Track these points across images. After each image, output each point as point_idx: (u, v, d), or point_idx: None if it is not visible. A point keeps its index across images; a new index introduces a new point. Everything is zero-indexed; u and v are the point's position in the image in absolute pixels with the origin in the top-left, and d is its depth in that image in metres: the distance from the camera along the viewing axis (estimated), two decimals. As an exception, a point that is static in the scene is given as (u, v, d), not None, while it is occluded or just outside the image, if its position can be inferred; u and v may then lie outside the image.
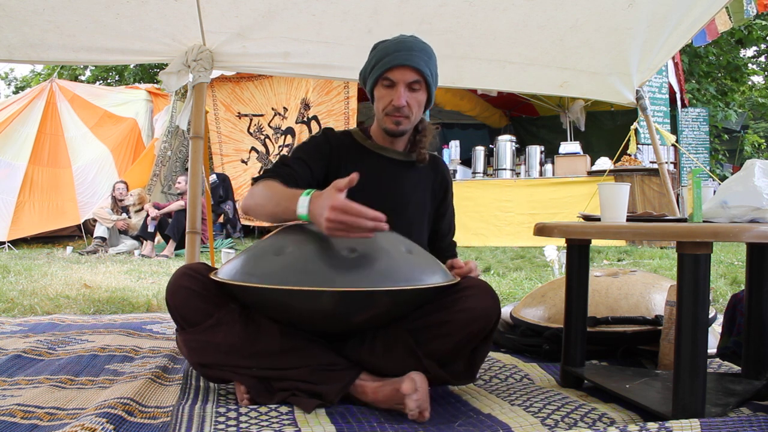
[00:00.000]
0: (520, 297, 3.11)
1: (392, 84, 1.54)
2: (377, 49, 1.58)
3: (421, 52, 1.54)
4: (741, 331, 1.64)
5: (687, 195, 1.53)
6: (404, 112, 1.55)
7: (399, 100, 1.53)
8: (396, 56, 1.52)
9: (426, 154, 1.67)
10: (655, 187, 5.99)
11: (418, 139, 1.66)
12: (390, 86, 1.54)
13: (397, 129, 1.58)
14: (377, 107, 1.59)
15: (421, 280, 1.30)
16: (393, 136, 1.63)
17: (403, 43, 1.54)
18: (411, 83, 1.53)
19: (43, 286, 3.60)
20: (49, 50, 2.40)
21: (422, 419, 1.29)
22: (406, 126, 1.59)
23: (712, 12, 2.66)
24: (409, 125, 1.60)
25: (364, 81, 1.63)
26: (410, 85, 1.54)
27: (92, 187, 7.61)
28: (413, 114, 1.58)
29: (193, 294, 1.42)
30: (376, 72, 1.55)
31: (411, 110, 1.56)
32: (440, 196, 1.74)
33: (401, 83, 1.53)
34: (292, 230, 1.39)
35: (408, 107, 1.55)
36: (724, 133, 10.64)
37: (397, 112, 1.55)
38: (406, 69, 1.52)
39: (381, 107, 1.57)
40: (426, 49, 1.56)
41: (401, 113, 1.55)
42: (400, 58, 1.51)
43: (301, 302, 1.26)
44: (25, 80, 16.80)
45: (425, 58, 1.54)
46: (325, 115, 7.18)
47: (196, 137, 2.41)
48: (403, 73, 1.52)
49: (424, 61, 1.54)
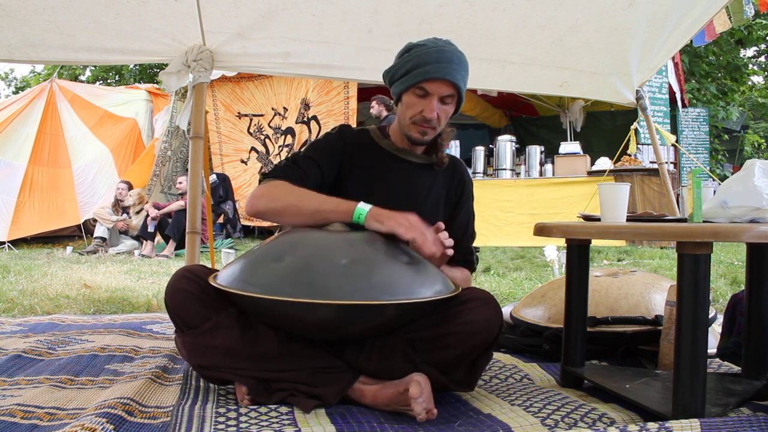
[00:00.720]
0: (520, 297, 3.11)
1: (426, 94, 1.50)
2: (413, 53, 1.51)
3: (459, 65, 1.50)
4: (741, 331, 1.64)
5: (687, 195, 1.53)
6: (432, 124, 1.54)
7: (431, 113, 1.50)
8: (436, 68, 1.47)
9: (445, 158, 1.65)
10: (655, 187, 6.00)
11: (439, 143, 1.64)
12: (423, 96, 1.51)
13: (422, 139, 1.57)
14: (404, 113, 1.56)
15: (420, 292, 1.28)
16: (416, 145, 1.62)
17: (443, 54, 1.49)
18: (444, 96, 1.52)
19: (43, 286, 3.60)
20: (49, 50, 2.39)
21: (431, 416, 1.30)
22: (432, 136, 1.58)
23: (712, 12, 2.66)
24: (433, 135, 1.59)
25: (392, 82, 1.58)
26: (443, 98, 1.52)
27: (92, 187, 7.61)
28: (440, 125, 1.57)
29: (191, 297, 1.41)
30: (412, 79, 1.50)
31: (439, 122, 1.55)
32: (455, 199, 1.70)
33: (436, 96, 1.50)
34: (292, 235, 1.39)
35: (437, 119, 1.53)
36: (724, 133, 10.64)
37: (425, 123, 1.53)
38: (443, 83, 1.49)
39: (409, 115, 1.54)
40: (463, 61, 1.52)
41: (429, 125, 1.54)
42: (441, 71, 1.47)
43: (299, 313, 1.26)
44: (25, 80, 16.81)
45: (462, 72, 1.51)
46: (325, 115, 7.18)
47: (196, 137, 2.41)
48: (439, 86, 1.49)
49: (461, 75, 1.51)
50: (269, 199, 1.48)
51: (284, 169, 1.54)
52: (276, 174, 1.53)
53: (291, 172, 1.53)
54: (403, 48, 1.56)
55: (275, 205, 1.47)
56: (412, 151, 1.65)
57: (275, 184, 1.50)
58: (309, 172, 1.55)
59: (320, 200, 1.44)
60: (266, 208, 1.48)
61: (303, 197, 1.45)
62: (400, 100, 1.57)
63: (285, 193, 1.47)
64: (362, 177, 1.60)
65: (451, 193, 1.70)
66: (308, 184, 1.52)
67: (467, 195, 1.72)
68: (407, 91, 1.53)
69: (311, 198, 1.45)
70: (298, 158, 1.58)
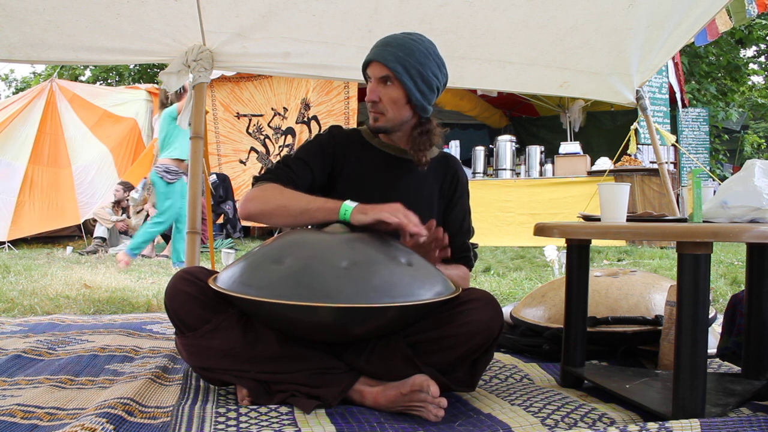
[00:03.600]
0: (520, 297, 3.11)
1: (368, 80, 1.57)
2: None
3: (397, 48, 1.51)
4: (741, 331, 1.64)
5: (687, 195, 1.53)
6: (378, 108, 1.56)
7: (370, 94, 1.55)
8: (372, 52, 1.55)
9: (424, 156, 1.60)
10: (655, 187, 6.00)
11: (421, 140, 1.59)
12: (369, 82, 1.57)
13: (375, 125, 1.59)
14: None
15: (420, 294, 1.28)
16: (375, 132, 1.63)
17: (385, 39, 1.56)
18: (380, 78, 1.54)
19: (43, 286, 3.60)
20: (49, 50, 2.39)
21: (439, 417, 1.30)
22: (384, 123, 1.58)
23: (712, 12, 2.66)
24: (386, 122, 1.57)
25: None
26: (380, 80, 1.54)
27: (92, 187, 7.60)
28: (389, 110, 1.56)
29: (191, 298, 1.42)
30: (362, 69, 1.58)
31: (384, 105, 1.55)
32: (449, 195, 1.70)
33: (373, 79, 1.55)
34: (292, 237, 1.39)
35: (381, 103, 1.55)
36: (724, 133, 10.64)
37: (372, 108, 1.56)
38: (375, 64, 1.54)
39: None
40: (405, 44, 1.52)
41: (376, 109, 1.56)
42: (371, 54, 1.55)
43: (299, 316, 1.26)
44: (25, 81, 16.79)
45: (400, 53, 1.50)
46: (325, 115, 7.18)
47: (196, 137, 2.40)
48: (374, 68, 1.55)
49: (397, 57, 1.50)
50: (259, 202, 1.49)
51: (275, 172, 1.56)
52: (267, 177, 1.55)
53: (282, 174, 1.55)
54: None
55: (265, 207, 1.49)
56: (401, 146, 1.65)
57: (265, 187, 1.51)
58: (300, 173, 1.56)
59: (307, 200, 1.46)
60: (257, 211, 1.49)
61: (291, 198, 1.47)
62: None
63: (274, 195, 1.49)
64: (354, 176, 1.61)
65: (444, 188, 1.70)
66: (299, 185, 1.53)
67: (461, 191, 1.72)
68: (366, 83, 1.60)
69: (299, 199, 1.47)
70: (288, 160, 1.59)
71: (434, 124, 1.62)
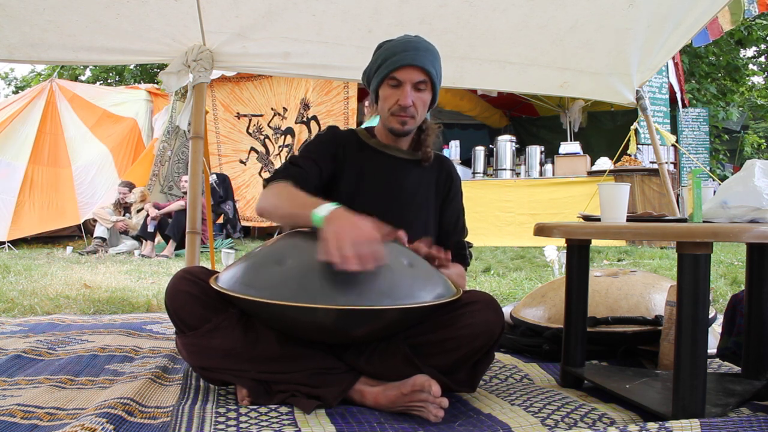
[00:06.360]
0: (520, 297, 3.11)
1: (399, 84, 1.53)
2: (383, 49, 1.58)
3: (427, 52, 1.54)
4: (741, 332, 1.64)
5: (687, 195, 1.53)
6: (410, 112, 1.55)
7: (405, 99, 1.52)
8: (404, 56, 1.51)
9: (431, 152, 1.67)
10: (655, 187, 6.00)
11: (423, 138, 1.66)
12: (396, 86, 1.54)
13: (402, 129, 1.58)
14: (382, 107, 1.58)
15: (421, 296, 1.28)
16: (398, 136, 1.63)
17: (410, 43, 1.54)
18: (417, 83, 1.53)
19: (43, 286, 3.60)
20: (49, 50, 2.39)
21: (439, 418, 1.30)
22: (412, 126, 1.59)
23: (712, 12, 2.66)
24: (414, 125, 1.60)
25: (368, 81, 1.62)
26: (416, 85, 1.53)
27: (92, 187, 7.60)
28: (418, 114, 1.57)
29: (191, 298, 1.42)
30: (383, 72, 1.54)
31: (417, 110, 1.56)
32: (443, 194, 1.72)
33: (408, 83, 1.53)
34: (295, 237, 1.38)
35: (414, 107, 1.55)
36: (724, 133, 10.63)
37: (403, 112, 1.55)
38: (412, 69, 1.52)
39: (387, 107, 1.57)
40: (431, 49, 1.56)
41: (407, 113, 1.55)
42: (407, 58, 1.51)
43: (299, 317, 1.26)
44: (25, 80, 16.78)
45: (431, 58, 1.54)
46: (324, 115, 7.18)
47: (196, 137, 2.40)
48: (409, 72, 1.52)
49: (430, 61, 1.53)
50: (266, 202, 1.51)
51: (286, 171, 1.56)
52: (278, 176, 1.55)
53: (294, 172, 1.55)
54: (376, 47, 1.61)
55: (268, 206, 1.49)
56: (399, 147, 1.66)
57: (276, 186, 1.51)
58: (310, 171, 1.57)
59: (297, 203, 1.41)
60: (264, 210, 1.50)
61: (286, 199, 1.46)
62: (378, 96, 1.59)
63: (276, 195, 1.49)
64: (352, 176, 1.62)
65: (439, 188, 1.72)
66: (310, 181, 1.54)
67: (455, 190, 1.75)
68: (382, 84, 1.56)
69: (293, 199, 1.44)
70: (297, 159, 1.60)
71: (429, 122, 1.67)
